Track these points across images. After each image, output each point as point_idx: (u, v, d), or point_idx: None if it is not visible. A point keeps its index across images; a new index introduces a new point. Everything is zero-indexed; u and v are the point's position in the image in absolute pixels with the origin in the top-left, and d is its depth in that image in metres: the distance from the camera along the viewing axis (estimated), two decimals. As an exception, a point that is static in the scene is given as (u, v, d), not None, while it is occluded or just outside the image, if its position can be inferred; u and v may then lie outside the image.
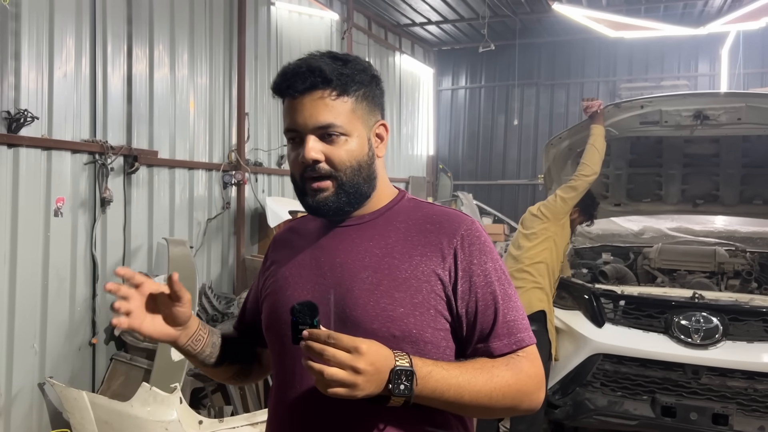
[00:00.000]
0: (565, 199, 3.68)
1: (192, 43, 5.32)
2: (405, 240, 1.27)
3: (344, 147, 1.24)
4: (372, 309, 1.21)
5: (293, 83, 1.23)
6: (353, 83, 1.25)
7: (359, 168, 1.26)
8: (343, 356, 1.04)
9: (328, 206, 1.26)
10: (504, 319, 1.23)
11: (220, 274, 5.75)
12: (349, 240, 1.30)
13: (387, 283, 1.22)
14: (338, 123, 1.23)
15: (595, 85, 10.58)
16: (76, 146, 4.19)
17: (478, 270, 1.24)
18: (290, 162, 1.29)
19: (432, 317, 1.21)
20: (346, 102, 1.24)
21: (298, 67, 1.23)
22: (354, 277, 1.25)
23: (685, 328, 3.34)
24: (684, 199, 4.71)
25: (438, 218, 1.29)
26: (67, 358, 4.18)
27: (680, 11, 9.00)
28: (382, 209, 1.34)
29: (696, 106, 3.81)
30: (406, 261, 1.24)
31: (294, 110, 1.24)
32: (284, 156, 6.63)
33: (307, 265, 1.32)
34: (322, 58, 1.26)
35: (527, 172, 11.07)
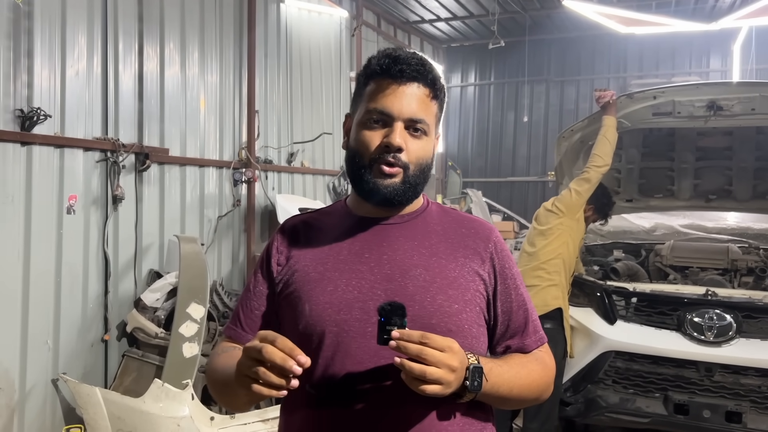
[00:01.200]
0: (579, 192, 3.65)
1: (202, 40, 5.33)
2: (446, 242, 1.34)
3: (422, 144, 1.29)
4: (429, 305, 1.25)
5: (405, 68, 1.26)
6: (441, 92, 1.32)
7: (425, 168, 1.31)
8: (441, 356, 1.08)
9: (394, 192, 1.27)
10: (532, 319, 1.38)
11: (230, 271, 5.77)
12: (393, 238, 1.33)
13: (440, 281, 1.27)
14: (427, 120, 1.28)
15: (605, 82, 10.50)
16: (88, 144, 4.21)
17: (509, 274, 1.36)
18: (363, 142, 1.27)
19: (477, 314, 1.30)
20: (434, 105, 1.31)
21: (411, 56, 1.27)
22: (406, 273, 1.28)
23: (698, 325, 3.31)
24: (696, 195, 4.66)
25: (469, 224, 1.39)
26: (79, 354, 4.21)
27: (692, 6, 8.92)
28: (418, 211, 1.39)
29: (709, 96, 3.77)
30: (452, 261, 1.31)
31: (392, 94, 1.26)
32: (294, 154, 6.64)
33: (347, 260, 1.31)
34: (425, 57, 1.31)
35: (537, 169, 11.03)
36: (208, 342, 4.45)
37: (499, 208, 10.29)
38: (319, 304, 1.26)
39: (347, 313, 1.24)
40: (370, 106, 1.27)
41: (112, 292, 4.42)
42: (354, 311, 1.25)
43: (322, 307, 1.25)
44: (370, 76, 1.29)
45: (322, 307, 1.25)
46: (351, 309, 1.25)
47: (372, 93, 1.27)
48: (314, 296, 1.27)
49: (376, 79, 1.27)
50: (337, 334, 1.23)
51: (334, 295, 1.26)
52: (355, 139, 1.30)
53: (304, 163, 6.86)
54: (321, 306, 1.26)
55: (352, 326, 1.23)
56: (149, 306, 4.47)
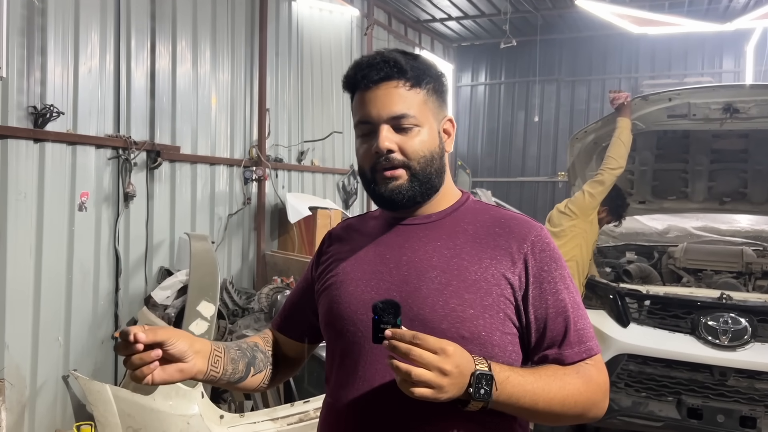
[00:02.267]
0: (592, 194, 3.63)
1: (214, 38, 5.33)
2: (473, 242, 1.27)
3: (417, 137, 1.25)
4: (441, 309, 1.20)
5: (368, 74, 1.24)
6: (425, 76, 1.27)
7: (432, 158, 1.26)
8: (430, 357, 1.03)
9: (401, 194, 1.25)
10: (575, 327, 1.23)
11: (240, 270, 5.77)
12: (416, 238, 1.30)
13: (456, 283, 1.22)
14: (412, 113, 1.24)
15: (616, 82, 10.44)
16: (100, 141, 4.22)
17: (548, 277, 1.24)
18: (360, 155, 1.29)
19: (501, 321, 1.21)
20: (419, 93, 1.26)
21: (372, 59, 1.26)
22: (422, 276, 1.24)
23: (712, 329, 3.28)
24: (710, 197, 4.62)
25: (507, 222, 1.29)
26: (90, 350, 4.22)
27: (705, 7, 8.84)
28: (449, 209, 1.34)
29: (726, 99, 3.73)
30: (476, 263, 1.24)
31: (367, 102, 1.25)
32: (304, 152, 6.64)
33: (370, 261, 1.31)
34: (393, 53, 1.27)
35: (547, 169, 10.97)
36: (218, 340, 4.45)
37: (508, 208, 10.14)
38: (341, 302, 1.29)
39: (363, 314, 1.24)
40: (355, 121, 1.29)
41: (123, 289, 4.44)
42: (369, 312, 1.21)
43: (343, 305, 1.28)
44: (349, 90, 1.30)
45: (344, 306, 1.28)
46: (367, 310, 1.23)
47: (354, 107, 1.29)
48: (338, 295, 1.30)
49: (354, 93, 1.29)
50: (353, 333, 1.26)
51: (354, 295, 1.28)
52: (357, 155, 1.32)
53: (314, 161, 6.86)
54: (343, 305, 1.28)
55: (367, 326, 1.21)
56: (159, 303, 4.47)
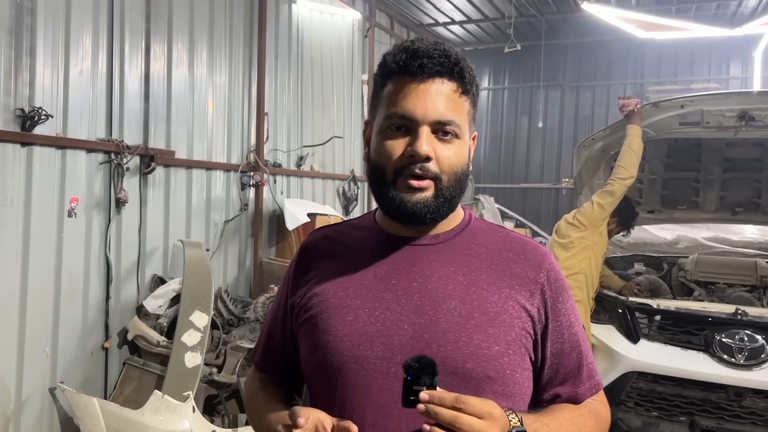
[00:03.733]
0: (602, 205, 3.49)
1: (212, 40, 5.20)
2: (489, 268, 1.14)
3: (453, 149, 1.10)
4: (465, 346, 1.06)
5: (425, 63, 1.07)
6: (473, 85, 1.12)
7: (460, 176, 1.12)
8: (477, 424, 0.92)
9: (426, 208, 1.09)
10: (586, 362, 1.18)
11: (236, 277, 5.63)
12: (426, 261, 1.14)
13: (478, 316, 1.08)
14: (458, 122, 1.09)
15: (621, 88, 10.30)
16: (91, 145, 4.08)
17: (562, 309, 1.15)
18: (384, 152, 1.10)
19: (522, 356, 1.10)
20: (466, 102, 1.12)
21: (432, 48, 1.08)
22: (438, 306, 1.09)
23: (727, 346, 3.13)
24: (722, 207, 4.48)
25: (519, 247, 1.18)
26: (79, 362, 4.08)
27: (713, 12, 8.71)
28: (456, 228, 1.19)
29: (741, 106, 3.59)
30: (495, 292, 1.11)
31: (414, 95, 1.07)
32: (304, 157, 6.50)
33: (371, 287, 1.13)
34: (453, 48, 1.11)
35: (551, 176, 10.83)
36: (212, 351, 4.32)
37: (511, 215, 10.09)
38: (337, 335, 1.10)
39: (368, 349, 1.07)
40: (389, 111, 1.09)
41: (114, 298, 4.30)
42: (376, 347, 1.07)
43: (340, 339, 1.09)
44: (386, 75, 1.12)
45: (341, 340, 1.09)
46: (372, 344, 1.08)
47: (390, 95, 1.10)
48: (332, 326, 1.11)
49: (393, 78, 1.10)
50: (355, 372, 1.07)
51: (354, 327, 1.09)
52: (376, 150, 1.12)
53: (314, 167, 6.72)
54: (339, 338, 1.09)
55: (373, 364, 1.07)
56: (152, 313, 4.34)
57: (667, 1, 8.27)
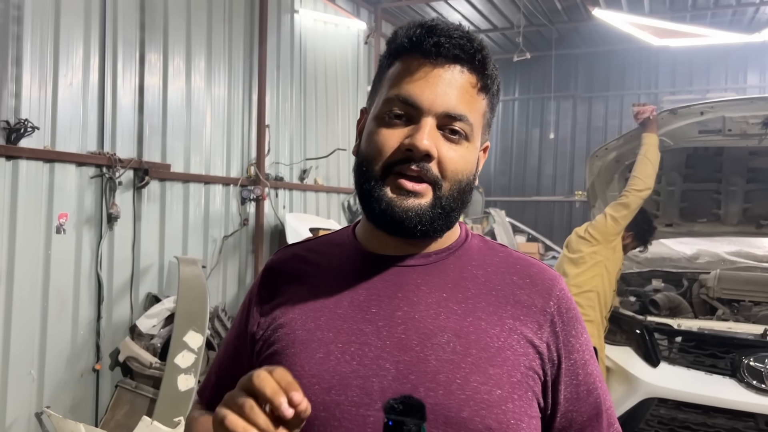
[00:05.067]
0: (616, 218, 3.26)
1: (210, 50, 5.06)
2: (489, 294, 0.93)
3: (461, 152, 0.91)
4: (459, 389, 0.85)
5: (442, 43, 0.88)
6: (495, 83, 0.93)
7: (464, 187, 0.93)
8: None
9: (418, 218, 0.89)
10: (605, 407, 0.98)
11: (236, 295, 5.44)
12: (413, 286, 0.93)
13: (476, 353, 0.88)
14: (471, 120, 0.90)
15: (635, 98, 10.06)
16: (81, 158, 3.93)
17: (576, 345, 0.95)
18: (375, 142, 0.91)
19: (529, 402, 0.89)
20: (483, 101, 0.93)
21: (451, 29, 0.89)
22: (427, 341, 0.88)
23: (756, 371, 2.89)
24: (746, 219, 4.23)
25: (525, 269, 0.98)
26: (67, 385, 3.91)
27: (729, 18, 8.48)
28: (452, 247, 0.99)
29: (765, 113, 3.36)
30: (497, 324, 0.90)
31: (423, 78, 0.89)
32: (306, 170, 6.32)
33: (347, 317, 0.93)
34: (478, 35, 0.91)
35: (563, 188, 10.60)
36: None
37: (523, 228, 9.85)
38: (303, 376, 0.88)
39: (340, 394, 0.87)
40: (390, 94, 0.90)
41: (106, 317, 4.13)
42: (350, 391, 0.87)
43: (307, 381, 0.88)
44: (395, 53, 0.92)
45: (308, 382, 0.88)
46: (347, 387, 0.87)
47: (395, 76, 0.91)
48: (298, 364, 0.90)
49: (402, 56, 0.91)
50: (324, 421, 0.87)
51: (324, 366, 0.89)
52: (367, 139, 0.93)
53: (317, 180, 6.55)
54: (306, 380, 0.88)
55: (347, 412, 0.86)
56: (145, 333, 4.16)
57: (682, 8, 8.06)
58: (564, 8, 8.24)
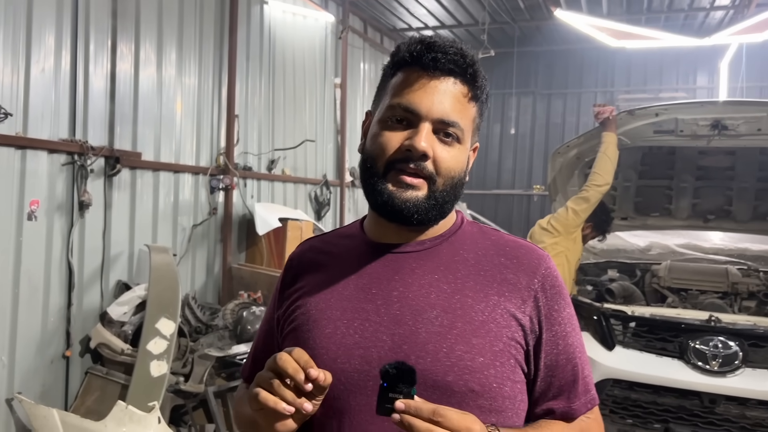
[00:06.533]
0: (576, 211, 3.48)
1: (181, 40, 5.07)
2: (477, 274, 1.08)
3: (453, 153, 1.06)
4: (445, 357, 1.00)
5: (440, 58, 1.03)
6: (484, 93, 1.08)
7: (456, 182, 1.08)
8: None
9: (416, 208, 1.04)
10: (582, 375, 1.11)
11: (204, 284, 5.49)
12: (408, 270, 1.08)
13: (461, 325, 1.02)
14: (462, 126, 1.06)
15: (592, 96, 10.42)
16: (53, 146, 3.93)
17: (558, 318, 1.08)
18: (379, 143, 1.06)
19: (511, 368, 1.03)
20: (473, 108, 1.09)
21: (448, 46, 1.04)
22: (419, 316, 1.03)
23: (701, 353, 3.13)
24: (694, 214, 4.52)
25: (512, 251, 1.11)
26: (38, 371, 3.91)
27: (681, 22, 8.88)
28: (445, 234, 1.13)
29: (714, 115, 3.62)
30: (482, 300, 1.04)
31: (422, 88, 1.04)
32: (275, 161, 6.39)
33: (352, 297, 1.08)
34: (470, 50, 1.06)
35: (522, 182, 10.90)
36: (178, 360, 4.19)
37: (483, 221, 10.10)
38: (315, 348, 1.04)
39: (345, 362, 1.03)
40: (393, 101, 1.05)
41: (76, 304, 4.14)
42: (354, 360, 1.02)
43: (317, 352, 1.04)
44: (397, 65, 1.08)
45: (318, 353, 1.03)
46: (350, 357, 1.02)
47: (397, 86, 1.06)
48: (311, 339, 1.06)
49: (404, 69, 1.07)
50: (332, 386, 1.01)
51: (332, 339, 1.05)
52: (372, 140, 1.08)
53: (285, 170, 6.61)
54: (316, 351, 1.04)
55: (351, 378, 1.01)
56: (116, 320, 4.19)
57: (638, 11, 8.40)
58: (527, 7, 8.47)
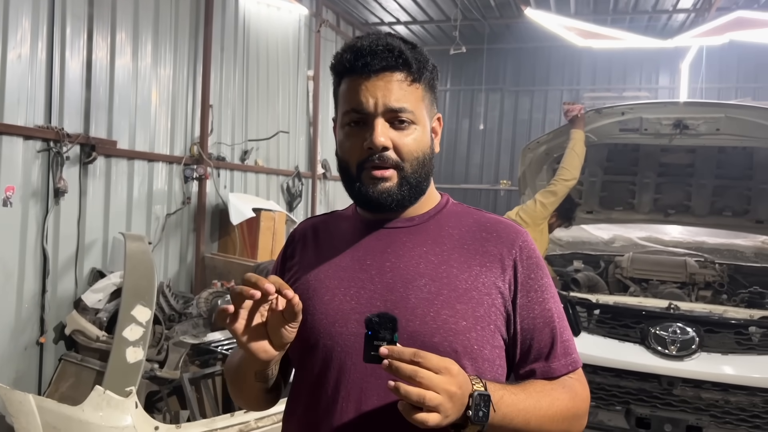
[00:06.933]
0: (544, 204, 3.64)
1: (156, 30, 5.07)
2: (461, 248, 1.18)
3: (412, 135, 1.15)
4: (432, 320, 1.10)
5: (369, 61, 1.12)
6: (425, 70, 1.17)
7: (423, 160, 1.17)
8: (438, 379, 0.94)
9: (391, 197, 1.14)
10: (561, 339, 1.19)
11: (177, 272, 5.51)
12: (399, 243, 1.19)
13: (447, 293, 1.12)
14: (410, 108, 1.14)
15: (559, 93, 10.66)
16: (28, 132, 3.92)
17: (535, 285, 1.18)
18: (346, 149, 1.17)
19: (491, 333, 1.13)
20: (418, 89, 1.17)
21: (374, 46, 1.13)
22: (409, 284, 1.13)
23: (661, 338, 3.31)
24: (656, 209, 4.72)
25: (493, 226, 1.22)
26: (11, 358, 3.91)
27: (645, 23, 9.16)
28: (431, 212, 1.24)
29: (676, 115, 3.81)
30: (465, 270, 1.15)
31: (363, 90, 1.12)
32: (248, 152, 6.42)
33: (347, 268, 1.18)
34: (396, 40, 1.15)
35: (489, 177, 11.09)
36: (154, 346, 4.22)
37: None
38: (314, 314, 1.15)
39: (342, 326, 1.13)
40: (345, 108, 1.16)
41: (50, 291, 4.14)
42: (350, 324, 1.12)
43: (317, 317, 1.14)
44: (339, 74, 1.18)
45: (317, 318, 1.14)
46: (347, 321, 1.13)
47: (345, 93, 1.16)
48: (311, 306, 1.16)
49: (345, 77, 1.16)
50: (330, 348, 1.13)
51: (330, 306, 1.15)
52: (340, 146, 1.19)
53: (258, 161, 6.65)
54: (316, 316, 1.15)
55: (347, 340, 1.12)
56: (90, 307, 4.20)
57: (604, 11, 8.64)
58: (497, 5, 8.63)
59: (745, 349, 3.28)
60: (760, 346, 3.26)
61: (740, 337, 3.31)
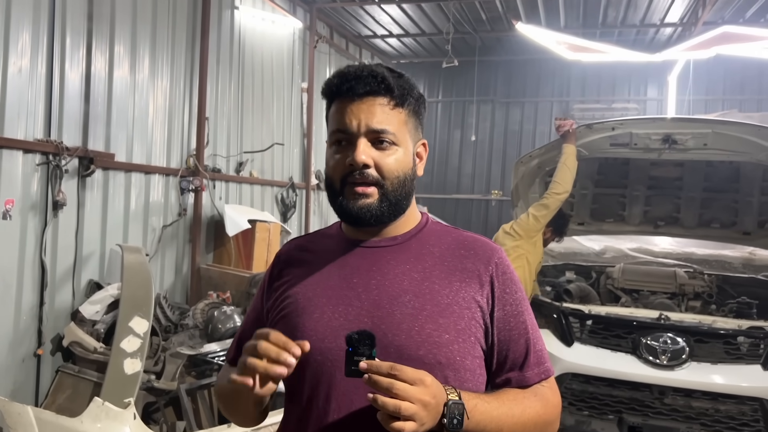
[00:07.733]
0: (537, 217, 3.72)
1: (154, 43, 5.13)
2: (442, 264, 1.25)
3: (393, 156, 1.22)
4: (417, 335, 1.17)
5: (354, 85, 1.21)
6: (409, 96, 1.25)
7: (404, 180, 1.24)
8: (413, 390, 1.01)
9: (370, 213, 1.21)
10: (534, 349, 1.25)
11: (173, 284, 5.54)
12: (384, 261, 1.25)
13: (430, 308, 1.19)
14: (392, 130, 1.22)
15: (549, 104, 10.80)
16: (28, 146, 3.96)
17: (510, 299, 1.25)
18: (331, 166, 1.25)
19: (472, 345, 1.20)
20: (401, 113, 1.24)
21: (360, 72, 1.22)
22: (394, 300, 1.20)
23: (652, 348, 3.38)
24: (646, 220, 4.81)
25: (471, 244, 1.29)
26: (9, 369, 3.93)
27: (633, 37, 9.32)
28: (413, 231, 1.31)
29: (665, 130, 3.91)
30: (446, 286, 1.22)
31: (348, 112, 1.21)
32: (243, 163, 6.47)
33: (335, 286, 1.24)
34: (381, 68, 1.24)
35: (481, 187, 11.19)
36: (150, 358, 4.24)
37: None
38: (304, 331, 1.20)
39: (332, 342, 1.18)
40: (332, 129, 1.25)
41: (48, 303, 4.17)
42: (339, 339, 1.17)
43: (307, 334, 1.19)
44: (328, 98, 1.27)
45: (307, 335, 1.19)
46: (336, 337, 1.18)
47: (333, 115, 1.25)
48: (300, 323, 1.22)
49: (334, 101, 1.25)
50: (321, 363, 1.18)
51: (319, 323, 1.21)
52: (327, 164, 1.27)
53: (253, 173, 6.70)
54: (306, 333, 1.20)
55: (337, 355, 1.17)
56: (88, 319, 4.23)
57: (593, 25, 8.78)
58: (488, 19, 8.76)
59: (734, 358, 3.36)
60: (748, 356, 3.35)
61: (729, 346, 3.39)
